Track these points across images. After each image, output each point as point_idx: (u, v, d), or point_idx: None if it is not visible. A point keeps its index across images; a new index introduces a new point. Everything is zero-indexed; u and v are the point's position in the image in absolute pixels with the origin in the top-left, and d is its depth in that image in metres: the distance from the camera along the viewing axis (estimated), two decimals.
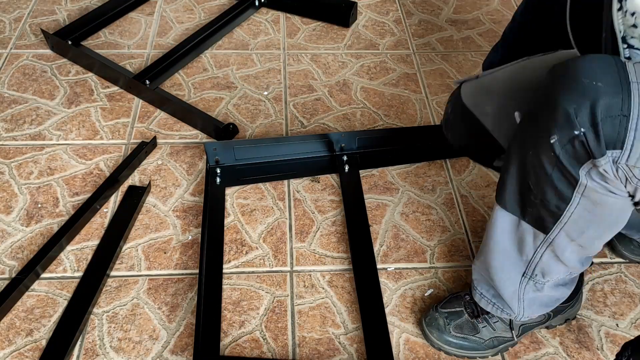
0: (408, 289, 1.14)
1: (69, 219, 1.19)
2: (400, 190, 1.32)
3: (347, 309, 1.10)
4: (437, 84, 1.60)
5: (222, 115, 1.47)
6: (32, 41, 1.68)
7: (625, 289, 1.15)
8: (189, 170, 1.34)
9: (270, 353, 1.03)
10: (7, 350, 1.01)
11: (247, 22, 1.79)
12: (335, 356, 1.03)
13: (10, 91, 1.51)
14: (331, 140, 1.34)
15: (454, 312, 1.04)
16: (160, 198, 1.27)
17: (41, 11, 1.80)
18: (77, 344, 1.02)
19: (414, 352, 1.04)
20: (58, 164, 1.33)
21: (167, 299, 1.10)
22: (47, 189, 1.28)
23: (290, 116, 1.48)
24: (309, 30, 1.77)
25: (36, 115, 1.45)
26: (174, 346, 1.03)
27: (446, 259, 1.19)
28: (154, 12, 1.82)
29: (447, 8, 1.90)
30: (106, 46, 1.67)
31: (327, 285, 1.13)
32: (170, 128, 1.43)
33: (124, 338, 1.04)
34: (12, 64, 1.60)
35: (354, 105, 1.52)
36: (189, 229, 1.22)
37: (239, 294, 1.11)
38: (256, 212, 1.25)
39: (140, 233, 1.20)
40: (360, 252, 1.16)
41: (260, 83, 1.57)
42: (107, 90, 1.53)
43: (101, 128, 1.42)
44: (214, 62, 1.63)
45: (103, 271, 1.11)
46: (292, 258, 1.18)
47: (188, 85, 1.56)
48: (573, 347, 1.06)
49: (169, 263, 1.16)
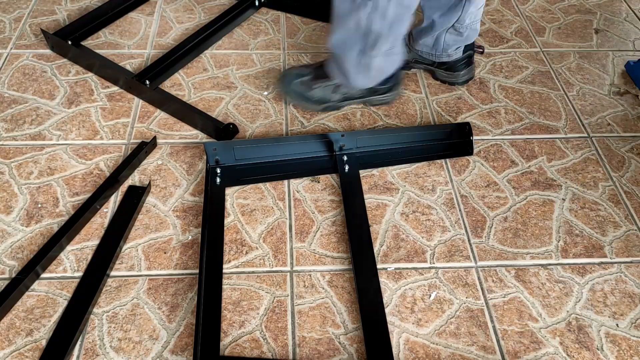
0: (408, 289, 1.14)
1: (69, 219, 1.19)
2: (400, 190, 1.32)
3: (347, 309, 1.10)
4: (437, 84, 1.60)
5: (222, 115, 1.47)
6: (32, 41, 1.68)
7: (625, 289, 1.15)
8: (189, 170, 1.34)
9: (270, 353, 1.03)
10: (7, 350, 1.01)
11: (247, 22, 1.79)
12: (335, 356, 1.03)
13: (10, 91, 1.51)
14: (331, 140, 1.34)
15: (302, 74, 1.44)
16: (160, 198, 1.27)
17: (41, 11, 1.80)
18: (77, 344, 1.03)
19: (414, 352, 1.04)
20: (58, 164, 1.33)
21: (167, 299, 1.10)
22: (47, 189, 1.28)
23: (290, 116, 1.48)
24: (309, 30, 1.77)
25: (36, 115, 1.45)
26: (174, 346, 1.03)
27: (446, 259, 1.19)
28: (154, 12, 1.82)
29: None
30: (106, 46, 1.67)
31: (327, 285, 1.13)
32: (170, 128, 1.43)
33: (124, 338, 1.04)
34: (12, 64, 1.60)
35: (354, 105, 1.52)
36: (189, 229, 1.22)
37: (239, 294, 1.11)
38: (256, 212, 1.25)
39: (140, 233, 1.20)
40: (360, 252, 1.16)
41: (260, 83, 1.57)
42: (107, 90, 1.53)
43: (101, 128, 1.42)
44: (214, 62, 1.63)
45: (103, 271, 1.11)
46: (292, 258, 1.18)
47: (188, 85, 1.56)
48: (573, 347, 1.06)
49: (169, 263, 1.16)
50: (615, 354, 1.06)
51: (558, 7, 1.94)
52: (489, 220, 1.27)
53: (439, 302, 1.12)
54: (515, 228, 1.25)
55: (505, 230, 1.25)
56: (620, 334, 1.09)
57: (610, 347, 1.07)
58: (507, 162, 1.40)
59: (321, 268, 1.16)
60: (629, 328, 1.10)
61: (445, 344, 1.06)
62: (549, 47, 1.76)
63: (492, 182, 1.35)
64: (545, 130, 1.48)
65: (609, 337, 1.08)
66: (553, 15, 1.90)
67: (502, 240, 1.23)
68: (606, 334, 1.08)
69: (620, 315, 1.11)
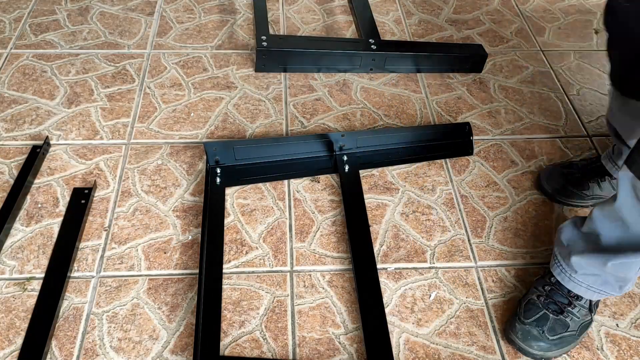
0: (408, 289, 1.14)
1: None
2: (400, 190, 1.32)
3: (347, 309, 1.10)
4: (437, 84, 1.60)
5: (222, 115, 1.47)
6: (32, 41, 1.68)
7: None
8: (189, 170, 1.34)
9: (270, 353, 1.03)
10: (7, 350, 1.01)
11: (246, 22, 1.79)
12: (335, 356, 1.03)
13: (10, 91, 1.51)
14: (331, 140, 1.34)
15: (541, 318, 1.03)
16: (160, 198, 1.27)
17: (41, 11, 1.80)
18: (77, 344, 1.03)
19: (414, 352, 1.04)
20: (58, 164, 1.33)
21: (167, 299, 1.10)
22: (47, 189, 1.28)
23: (290, 116, 1.48)
24: (309, 30, 1.77)
25: (36, 115, 1.45)
26: (174, 346, 1.03)
27: (446, 259, 1.19)
28: (154, 12, 1.82)
29: (447, 8, 1.90)
30: (106, 46, 1.67)
31: (327, 285, 1.13)
32: (170, 128, 1.43)
33: (124, 338, 1.04)
34: (12, 64, 1.60)
35: (354, 105, 1.52)
36: (189, 229, 1.22)
37: (239, 294, 1.11)
38: (256, 212, 1.25)
39: (140, 233, 1.20)
40: (360, 252, 1.16)
41: (260, 83, 1.57)
42: (107, 90, 1.53)
43: (101, 128, 1.42)
44: (214, 62, 1.63)
45: (64, 273, 1.11)
46: (292, 258, 1.18)
47: (188, 85, 1.56)
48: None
49: (169, 263, 1.16)
50: (615, 354, 1.06)
51: (558, 7, 1.94)
52: (489, 220, 1.27)
53: (439, 302, 1.12)
54: (515, 228, 1.25)
55: (505, 230, 1.25)
56: (620, 334, 1.09)
57: (610, 347, 1.07)
58: (507, 162, 1.40)
59: (321, 268, 1.16)
60: (629, 328, 1.10)
61: (445, 344, 1.06)
62: (549, 47, 1.76)
63: (492, 182, 1.35)
64: (545, 130, 1.48)
65: (609, 337, 1.08)
66: (553, 15, 1.90)
67: (502, 240, 1.23)
68: (606, 334, 1.08)
69: (620, 316, 1.11)
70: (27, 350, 1.00)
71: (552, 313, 1.03)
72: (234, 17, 1.81)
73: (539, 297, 1.05)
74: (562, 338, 1.02)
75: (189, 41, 1.71)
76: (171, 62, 1.63)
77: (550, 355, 1.03)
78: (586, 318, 1.05)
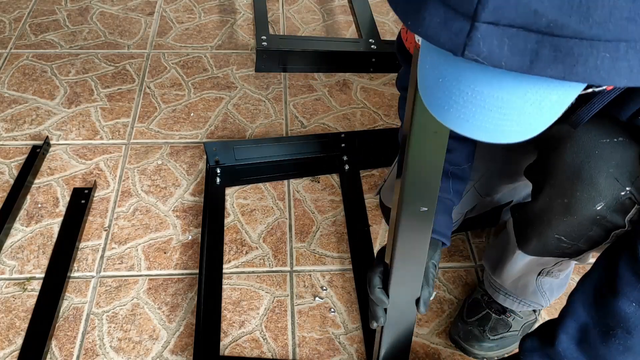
0: None
1: None
2: None
3: (347, 309, 1.10)
4: None
5: (222, 115, 1.47)
6: (32, 41, 1.68)
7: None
8: (189, 170, 1.34)
9: (270, 353, 1.03)
10: (7, 350, 1.01)
11: (246, 22, 1.79)
12: (335, 356, 1.03)
13: (10, 91, 1.51)
14: (331, 140, 1.34)
15: (483, 317, 1.02)
16: (160, 198, 1.27)
17: (41, 11, 1.80)
18: (77, 344, 1.03)
19: (414, 352, 1.04)
20: (58, 164, 1.33)
21: (167, 299, 1.10)
22: (47, 189, 1.28)
23: (290, 116, 1.48)
24: (309, 30, 1.77)
25: (36, 115, 1.45)
26: (174, 346, 1.03)
27: (446, 259, 1.19)
28: (154, 12, 1.82)
29: None
30: (106, 46, 1.67)
31: (327, 285, 1.13)
32: (170, 128, 1.43)
33: (124, 338, 1.04)
34: (12, 64, 1.60)
35: (354, 105, 1.52)
36: (189, 229, 1.22)
37: (239, 294, 1.11)
38: (256, 212, 1.25)
39: (140, 233, 1.20)
40: (360, 252, 1.16)
41: (260, 83, 1.57)
42: (107, 90, 1.53)
43: (101, 128, 1.42)
44: (214, 62, 1.63)
45: (64, 273, 1.11)
46: (292, 258, 1.18)
47: (188, 85, 1.56)
48: None
49: (169, 263, 1.16)
50: None
51: None
52: None
53: (438, 302, 1.12)
54: None
55: None
56: None
57: None
58: None
59: (321, 268, 1.16)
60: None
61: (445, 343, 1.06)
62: None
63: None
64: None
65: None
66: None
67: None
68: None
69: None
70: (27, 350, 1.00)
71: (495, 313, 1.01)
72: (234, 17, 1.81)
73: (483, 296, 1.03)
74: (503, 338, 1.01)
75: (189, 41, 1.71)
76: (171, 62, 1.63)
77: (491, 355, 1.01)
78: (529, 318, 1.03)
